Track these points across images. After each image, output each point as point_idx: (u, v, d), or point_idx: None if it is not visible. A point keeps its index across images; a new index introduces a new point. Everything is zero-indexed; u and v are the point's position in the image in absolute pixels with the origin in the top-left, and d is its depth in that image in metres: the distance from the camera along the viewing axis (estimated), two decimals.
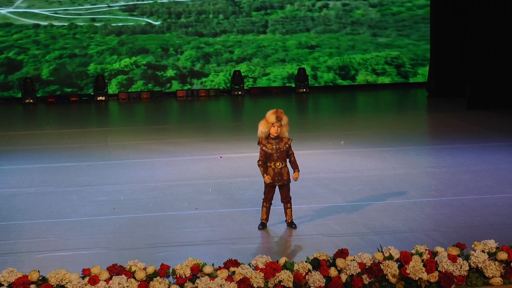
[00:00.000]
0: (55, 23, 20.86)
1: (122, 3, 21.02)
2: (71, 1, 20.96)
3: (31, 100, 19.80)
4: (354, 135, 14.20)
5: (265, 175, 8.38)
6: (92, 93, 20.29)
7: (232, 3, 20.76)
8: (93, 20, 21.06)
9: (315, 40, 20.22)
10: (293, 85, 20.55)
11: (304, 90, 20.60)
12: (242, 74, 20.53)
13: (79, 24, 20.98)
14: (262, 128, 8.34)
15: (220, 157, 12.42)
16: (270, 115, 8.28)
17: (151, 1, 20.99)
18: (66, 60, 20.73)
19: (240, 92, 20.45)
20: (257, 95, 20.50)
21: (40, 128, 16.55)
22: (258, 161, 8.44)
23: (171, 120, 18.03)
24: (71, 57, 20.80)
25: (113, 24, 21.01)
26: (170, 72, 20.82)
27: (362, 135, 14.28)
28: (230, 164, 11.89)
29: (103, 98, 20.09)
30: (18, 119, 18.23)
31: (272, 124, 8.28)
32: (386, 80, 19.96)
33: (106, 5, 20.97)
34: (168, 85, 20.76)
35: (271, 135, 8.33)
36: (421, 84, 20.85)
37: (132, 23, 21.02)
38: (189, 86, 20.73)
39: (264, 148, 8.35)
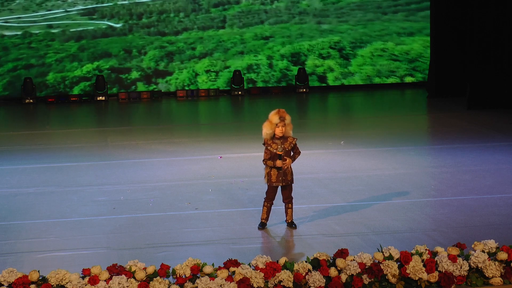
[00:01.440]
0: (7, 32, 20.27)
1: (81, 7, 20.56)
2: (24, 8, 20.36)
3: (31, 100, 19.79)
4: (354, 135, 14.20)
5: (276, 161, 8.27)
6: (92, 93, 20.28)
7: (192, 1, 20.94)
8: (50, 26, 20.52)
9: (268, 31, 21.06)
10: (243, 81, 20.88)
11: (304, 90, 20.63)
12: (205, 69, 20.74)
13: (34, 32, 20.45)
14: (266, 130, 8.29)
15: (220, 157, 12.42)
16: (273, 116, 8.25)
17: (111, 4, 20.67)
18: (21, 72, 20.21)
19: (240, 92, 20.46)
20: (257, 95, 20.52)
21: (40, 128, 16.55)
22: (263, 160, 8.40)
23: (171, 120, 18.03)
24: (27, 68, 20.28)
25: (72, 30, 20.60)
26: (134, 74, 20.67)
27: (362, 135, 14.28)
28: (230, 164, 11.90)
29: (103, 98, 20.08)
30: (18, 119, 18.22)
31: (276, 124, 8.25)
32: (330, 62, 20.94)
33: (63, 10, 20.50)
34: (133, 87, 20.62)
35: (276, 136, 8.31)
36: (420, 84, 20.89)
37: (92, 27, 20.67)
38: (154, 86, 20.69)
39: (269, 148, 8.32)
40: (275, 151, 8.30)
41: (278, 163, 8.28)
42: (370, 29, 20.92)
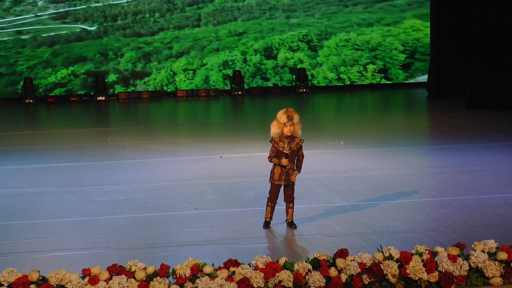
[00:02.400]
0: None
1: (52, 11, 20.08)
2: None
3: (31, 100, 19.78)
4: (354, 135, 14.20)
5: (282, 159, 8.29)
6: (92, 93, 20.27)
7: (166, 1, 21.00)
8: (20, 32, 20.08)
9: (242, 27, 21.43)
10: (223, 82, 21.07)
11: (304, 90, 20.65)
12: (182, 67, 20.81)
13: (2, 39, 20.07)
14: (274, 129, 8.30)
15: (220, 157, 12.42)
16: (281, 115, 8.26)
17: (84, 6, 20.39)
18: None
19: (240, 92, 20.47)
20: (257, 95, 20.52)
21: (40, 128, 16.55)
22: (268, 157, 8.40)
23: (171, 120, 18.03)
24: None
25: (43, 35, 20.24)
26: (112, 77, 20.54)
27: (362, 135, 14.28)
28: (230, 164, 11.89)
29: (103, 98, 20.08)
30: (18, 119, 18.23)
31: (284, 124, 8.26)
32: (300, 54, 21.42)
33: (33, 15, 20.03)
34: (111, 90, 20.45)
35: (284, 135, 8.32)
36: (420, 84, 20.91)
37: (65, 31, 20.36)
38: (133, 88, 20.60)
39: (276, 145, 8.32)
40: (281, 149, 8.30)
41: (284, 161, 8.29)
42: (334, 21, 21.56)
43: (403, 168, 11.40)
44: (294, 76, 20.92)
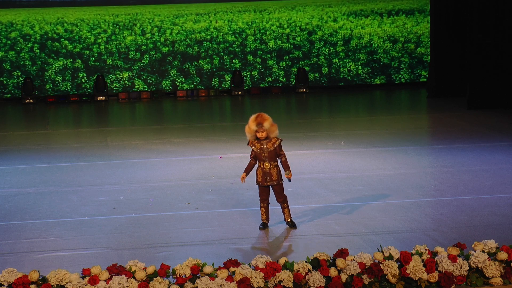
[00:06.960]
0: None
1: None
2: None
3: (31, 100, 19.78)
4: (354, 135, 14.20)
5: (244, 174, 8.47)
6: (92, 93, 20.27)
7: None
8: None
9: None
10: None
11: (304, 90, 20.64)
12: None
13: None
14: (248, 134, 8.42)
15: (220, 157, 12.42)
16: (251, 123, 8.36)
17: None
18: None
19: (240, 92, 20.46)
20: (257, 95, 20.51)
21: (40, 128, 16.55)
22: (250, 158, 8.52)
23: (171, 120, 18.02)
24: None
25: None
26: None
27: (362, 135, 14.28)
28: (230, 164, 11.89)
29: (103, 98, 20.07)
30: (18, 119, 18.22)
31: (256, 130, 8.32)
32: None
33: None
34: None
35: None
36: (420, 84, 20.91)
37: None
38: None
39: (253, 147, 8.42)
40: (258, 150, 8.39)
41: (241, 179, 8.45)
42: None
43: (403, 168, 11.40)
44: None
